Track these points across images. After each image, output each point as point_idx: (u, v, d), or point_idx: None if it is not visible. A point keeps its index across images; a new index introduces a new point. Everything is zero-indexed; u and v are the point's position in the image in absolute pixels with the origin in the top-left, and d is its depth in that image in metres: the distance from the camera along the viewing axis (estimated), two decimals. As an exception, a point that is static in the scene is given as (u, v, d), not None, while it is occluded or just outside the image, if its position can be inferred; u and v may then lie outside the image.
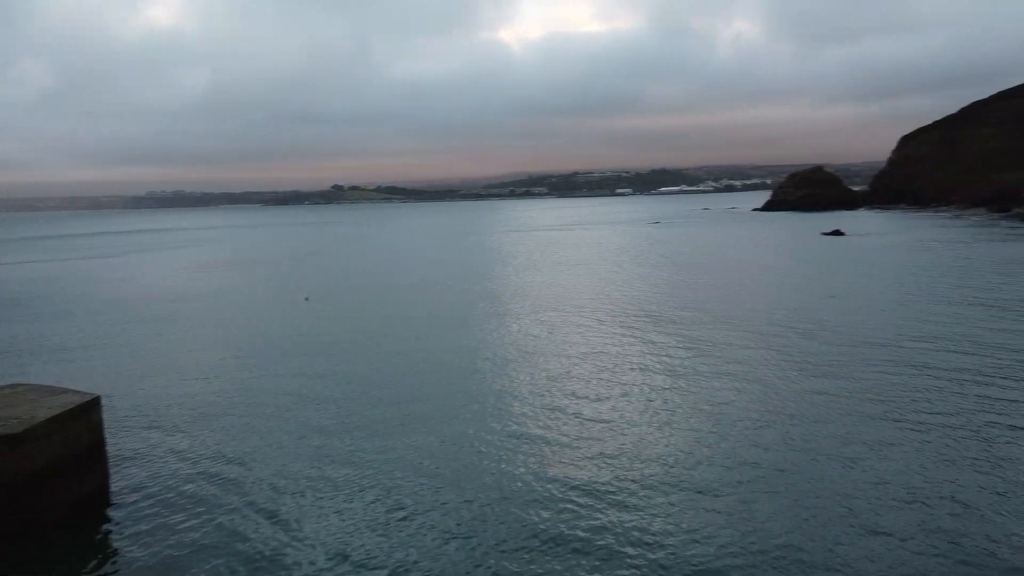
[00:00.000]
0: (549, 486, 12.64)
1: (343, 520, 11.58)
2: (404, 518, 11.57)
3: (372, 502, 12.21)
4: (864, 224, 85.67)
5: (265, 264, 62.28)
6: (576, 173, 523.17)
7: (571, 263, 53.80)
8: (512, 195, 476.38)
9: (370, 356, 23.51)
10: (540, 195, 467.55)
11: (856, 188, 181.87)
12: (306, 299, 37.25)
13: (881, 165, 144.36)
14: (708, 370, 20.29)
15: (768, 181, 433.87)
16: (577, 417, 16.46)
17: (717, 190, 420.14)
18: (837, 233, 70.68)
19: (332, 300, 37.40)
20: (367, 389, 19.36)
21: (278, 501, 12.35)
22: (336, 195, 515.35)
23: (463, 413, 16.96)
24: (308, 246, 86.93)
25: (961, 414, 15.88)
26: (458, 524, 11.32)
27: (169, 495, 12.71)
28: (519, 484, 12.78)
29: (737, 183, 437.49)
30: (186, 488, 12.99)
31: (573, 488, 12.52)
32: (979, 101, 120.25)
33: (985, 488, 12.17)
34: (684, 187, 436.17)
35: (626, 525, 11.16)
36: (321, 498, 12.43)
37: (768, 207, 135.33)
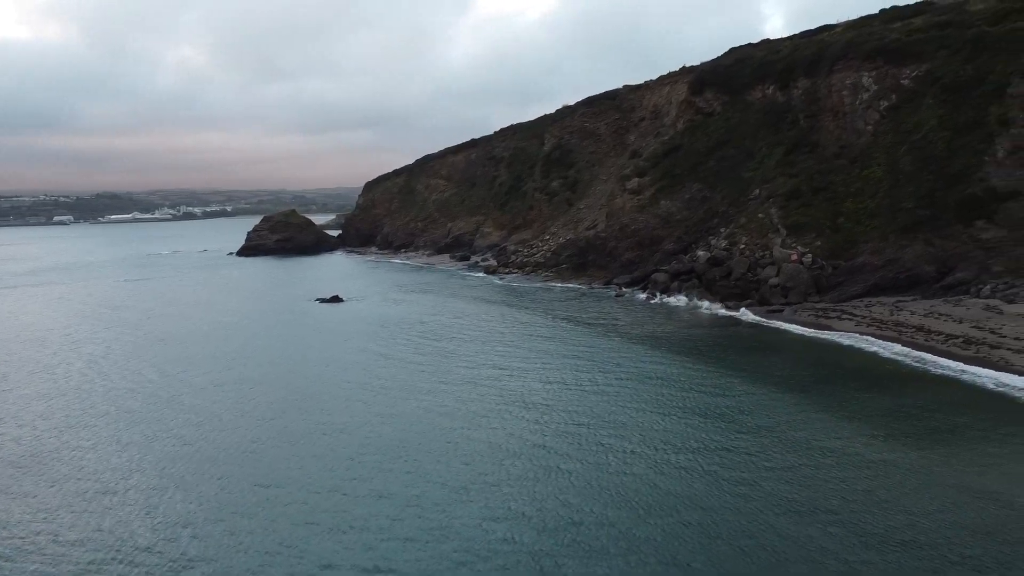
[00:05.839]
0: None
1: None
2: None
3: None
4: (345, 268, 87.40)
5: None
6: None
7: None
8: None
9: None
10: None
11: (321, 221, 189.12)
12: None
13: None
14: None
15: (229, 208, 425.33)
16: None
17: (176, 217, 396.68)
18: (336, 300, 69.99)
19: None
20: None
21: None
22: None
23: None
24: None
25: None
26: None
27: None
28: None
29: (197, 210, 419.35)
30: None
31: None
32: (432, 155, 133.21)
33: None
34: (137, 214, 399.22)
35: None
36: None
37: (245, 252, 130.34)
